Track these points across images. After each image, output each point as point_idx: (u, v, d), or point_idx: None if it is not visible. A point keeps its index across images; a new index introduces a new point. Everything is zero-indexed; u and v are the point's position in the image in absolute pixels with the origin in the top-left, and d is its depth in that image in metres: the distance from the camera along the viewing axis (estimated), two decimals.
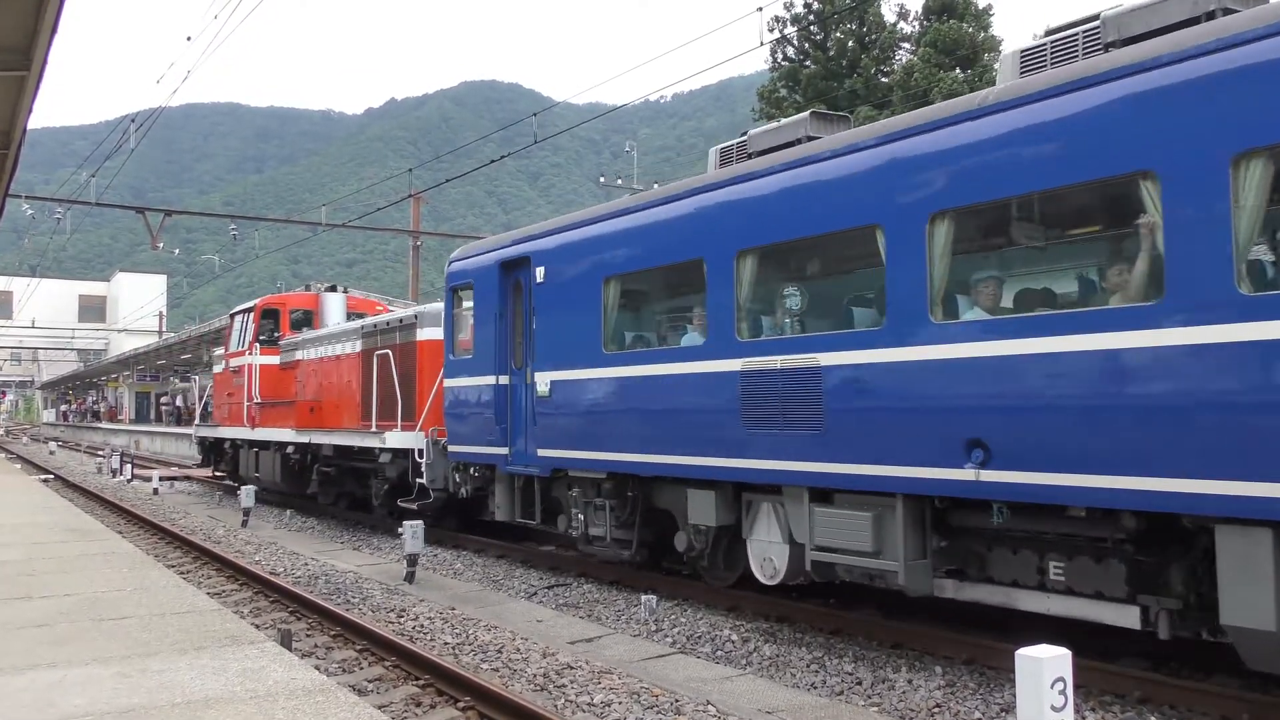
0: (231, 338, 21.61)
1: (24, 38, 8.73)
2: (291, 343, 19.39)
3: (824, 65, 41.54)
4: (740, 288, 8.46)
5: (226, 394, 21.57)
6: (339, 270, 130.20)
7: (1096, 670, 6.49)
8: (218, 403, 22.79)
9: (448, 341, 13.09)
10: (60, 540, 11.09)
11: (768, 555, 8.34)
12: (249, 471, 19.89)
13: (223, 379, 22.23)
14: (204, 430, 23.61)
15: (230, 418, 21.17)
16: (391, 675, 7.35)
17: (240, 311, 21.49)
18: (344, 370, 17.10)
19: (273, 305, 20.61)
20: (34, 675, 5.37)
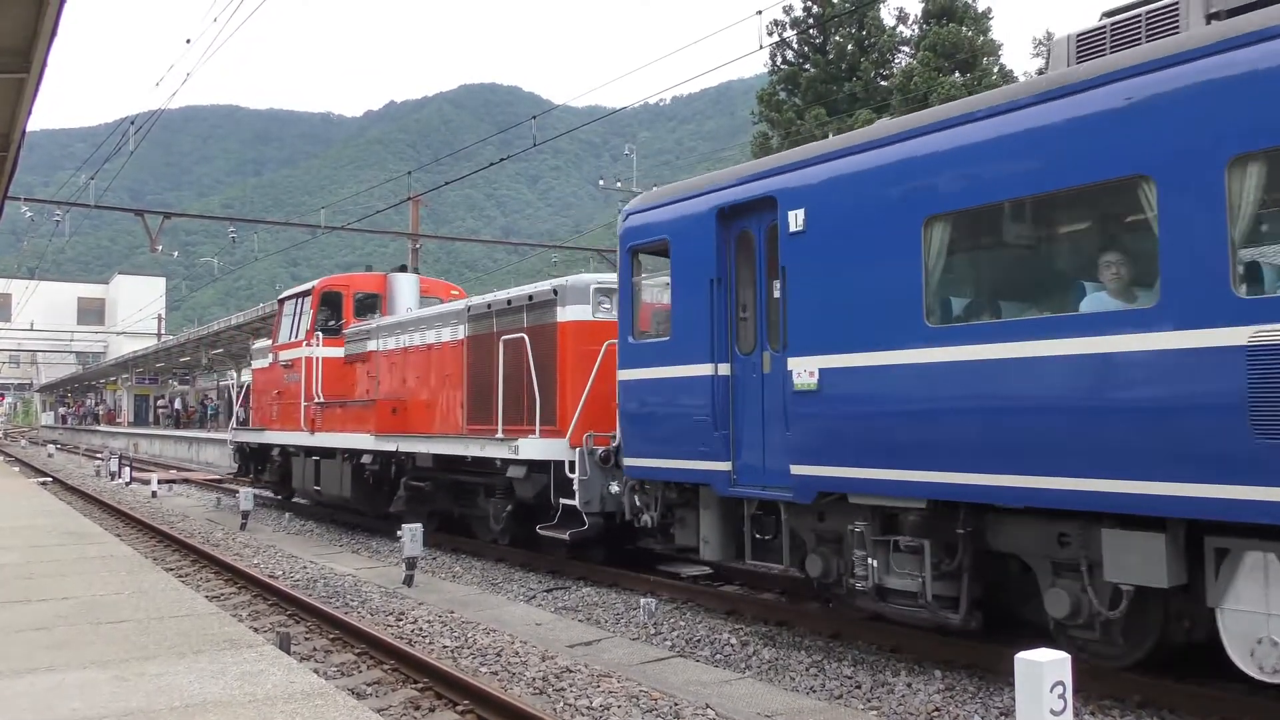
0: (281, 328, 18.64)
1: (23, 40, 8.74)
2: (360, 331, 16.60)
3: (823, 69, 41.57)
4: (1237, 212, 5.58)
5: (275, 392, 18.61)
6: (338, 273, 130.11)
7: (1096, 674, 6.48)
8: (261, 403, 19.83)
9: (625, 320, 9.83)
10: (58, 543, 11.08)
11: (1267, 635, 5.54)
12: (305, 483, 17.29)
13: (268, 375, 19.18)
14: (245, 435, 20.36)
15: (281, 420, 18.24)
16: (390, 678, 7.34)
17: (292, 296, 18.44)
18: (440, 362, 14.18)
19: (334, 288, 17.55)
20: (32, 679, 5.36)
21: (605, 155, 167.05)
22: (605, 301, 11.15)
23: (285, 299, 18.68)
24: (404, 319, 15.55)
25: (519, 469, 11.41)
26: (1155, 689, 6.31)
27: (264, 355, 19.87)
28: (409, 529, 11.18)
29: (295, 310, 18.01)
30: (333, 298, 17.41)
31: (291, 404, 17.58)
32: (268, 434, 18.78)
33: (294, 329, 17.89)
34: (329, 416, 16.49)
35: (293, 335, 17.86)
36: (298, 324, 17.70)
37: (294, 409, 17.40)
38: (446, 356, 14.03)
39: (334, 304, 17.31)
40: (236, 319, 39.47)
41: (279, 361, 18.38)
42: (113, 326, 74.73)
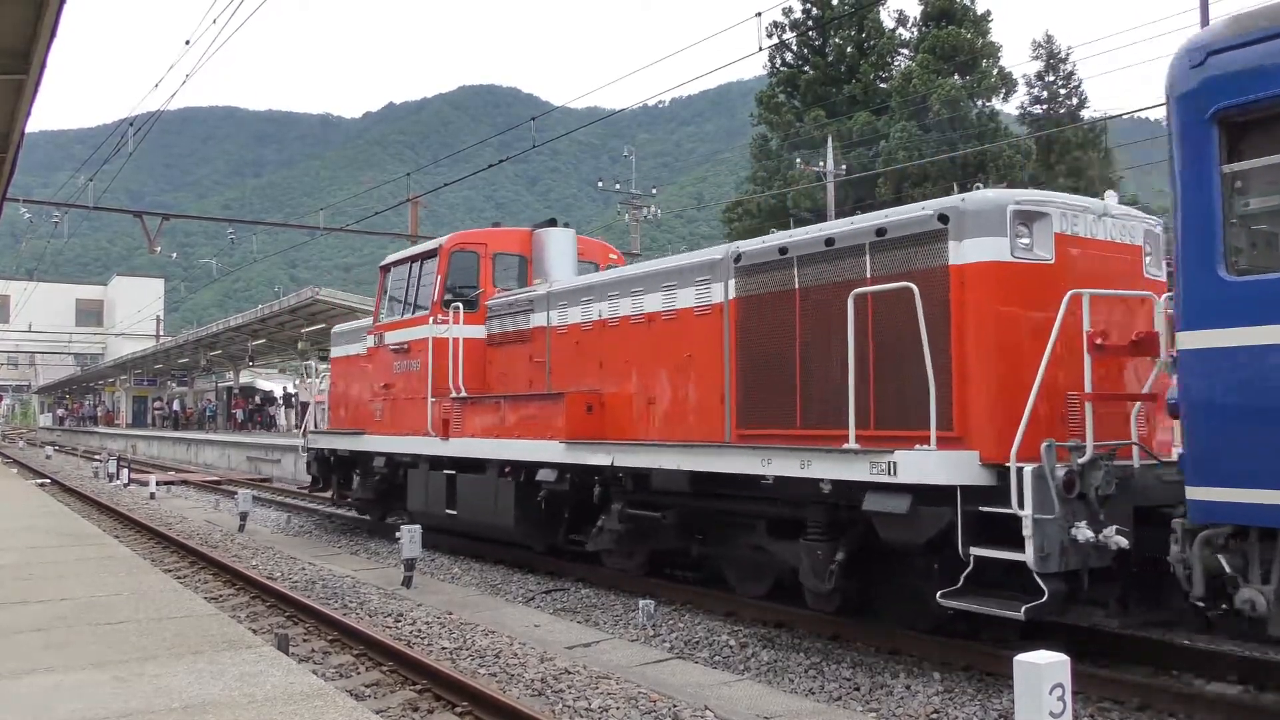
0: (384, 301, 14.66)
1: (23, 41, 8.75)
2: (516, 302, 12.50)
3: (823, 71, 41.59)
4: None
5: (379, 385, 14.50)
6: (337, 274, 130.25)
7: (1095, 676, 6.48)
8: (351, 399, 16.00)
9: (1197, 243, 5.66)
10: (57, 545, 11.07)
11: None
12: (431, 505, 12.92)
13: (363, 364, 15.32)
14: (334, 440, 15.90)
15: (389, 421, 14.14)
16: (389, 680, 7.33)
17: (402, 261, 14.24)
18: (674, 338, 9.78)
19: (468, 246, 13.36)
20: (30, 680, 5.35)
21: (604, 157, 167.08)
22: (1025, 234, 7.22)
23: (392, 264, 14.57)
24: (601, 280, 11.32)
25: (897, 499, 7.02)
26: (1155, 691, 6.32)
27: (353, 339, 16.09)
28: (408, 530, 11.17)
29: (410, 278, 13.90)
30: (465, 260, 13.26)
31: (408, 400, 13.55)
32: (369, 439, 14.63)
33: (408, 302, 13.84)
34: (474, 416, 12.14)
35: (407, 310, 13.80)
36: (415, 295, 13.67)
37: (412, 406, 13.38)
38: (689, 329, 9.58)
39: (467, 268, 13.28)
40: (235, 320, 39.46)
41: (385, 346, 14.25)
42: (111, 328, 74.75)
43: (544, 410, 11.01)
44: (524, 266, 13.46)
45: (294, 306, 32.16)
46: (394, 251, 15.57)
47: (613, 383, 10.68)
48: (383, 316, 14.59)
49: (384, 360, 14.31)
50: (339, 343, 16.92)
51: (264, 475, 30.58)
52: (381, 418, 14.41)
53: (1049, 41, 41.65)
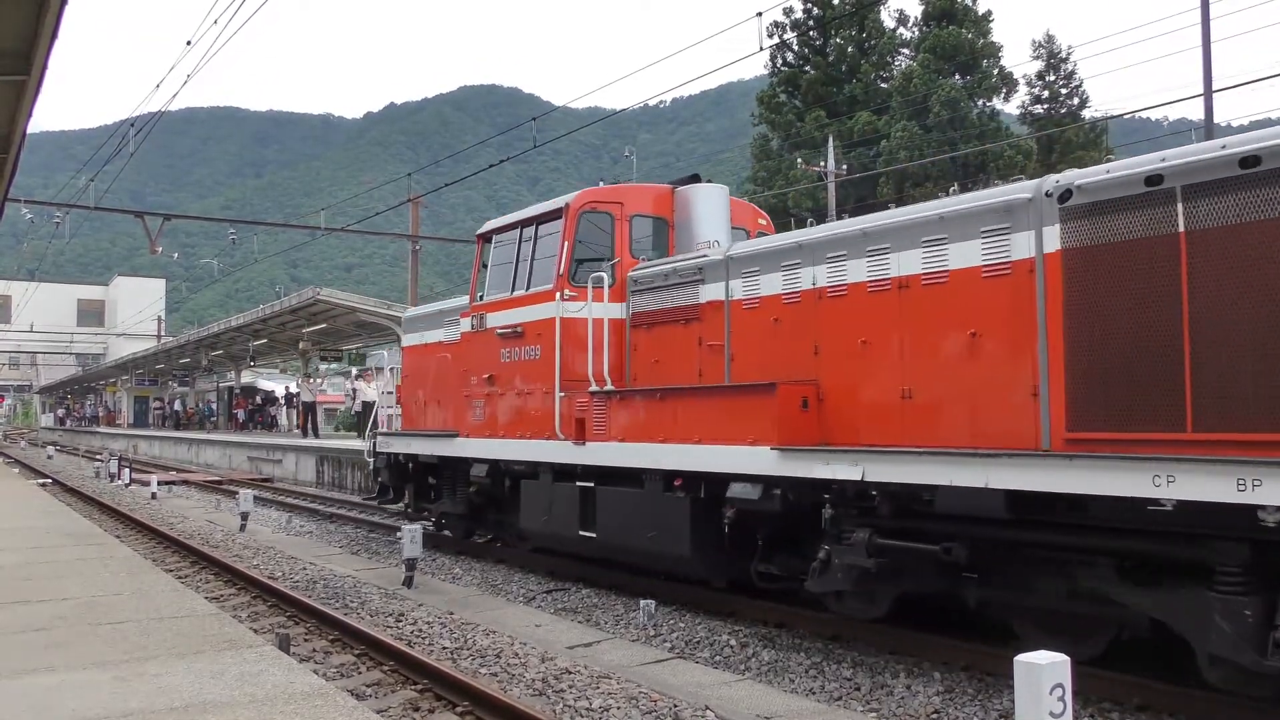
0: (490, 276, 12.13)
1: (24, 42, 8.76)
2: (677, 272, 9.96)
3: (823, 70, 41.59)
4: None
5: (480, 376, 11.98)
6: (338, 274, 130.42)
7: (1096, 676, 6.48)
8: (427, 395, 13.88)
9: None
10: (58, 544, 11.08)
11: None
12: (558, 524, 10.56)
13: (450, 354, 13.10)
14: (413, 443, 13.66)
15: (493, 421, 11.76)
16: (390, 680, 7.34)
17: (512, 226, 11.78)
18: (937, 311, 7.48)
19: (601, 206, 10.89)
20: (31, 680, 5.36)
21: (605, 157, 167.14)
22: None
23: (496, 231, 12.05)
24: (816, 237, 8.57)
25: None
26: (1155, 692, 6.31)
27: (434, 323, 13.82)
28: (409, 530, 11.18)
29: (522, 247, 11.44)
30: (597, 223, 10.86)
31: (522, 395, 11.20)
32: (465, 443, 12.18)
33: (520, 275, 11.43)
34: (626, 415, 9.69)
35: (518, 286, 11.41)
36: (528, 268, 11.27)
37: (528, 403, 11.07)
38: (972, 297, 7.21)
39: (598, 233, 10.86)
40: (236, 320, 39.47)
41: (487, 330, 11.84)
42: (112, 328, 74.76)
43: (742, 407, 8.37)
44: (663, 232, 11.01)
45: (295, 307, 32.16)
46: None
47: (836, 371, 8.10)
48: (483, 294, 12.02)
49: (485, 347, 11.85)
50: (414, 328, 14.61)
51: (265, 475, 30.61)
52: (481, 417, 11.96)
53: (1050, 41, 41.64)
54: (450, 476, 13.19)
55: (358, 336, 38.40)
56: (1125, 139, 44.16)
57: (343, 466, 26.45)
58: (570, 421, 10.35)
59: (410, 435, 13.98)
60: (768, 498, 8.06)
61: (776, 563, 8.54)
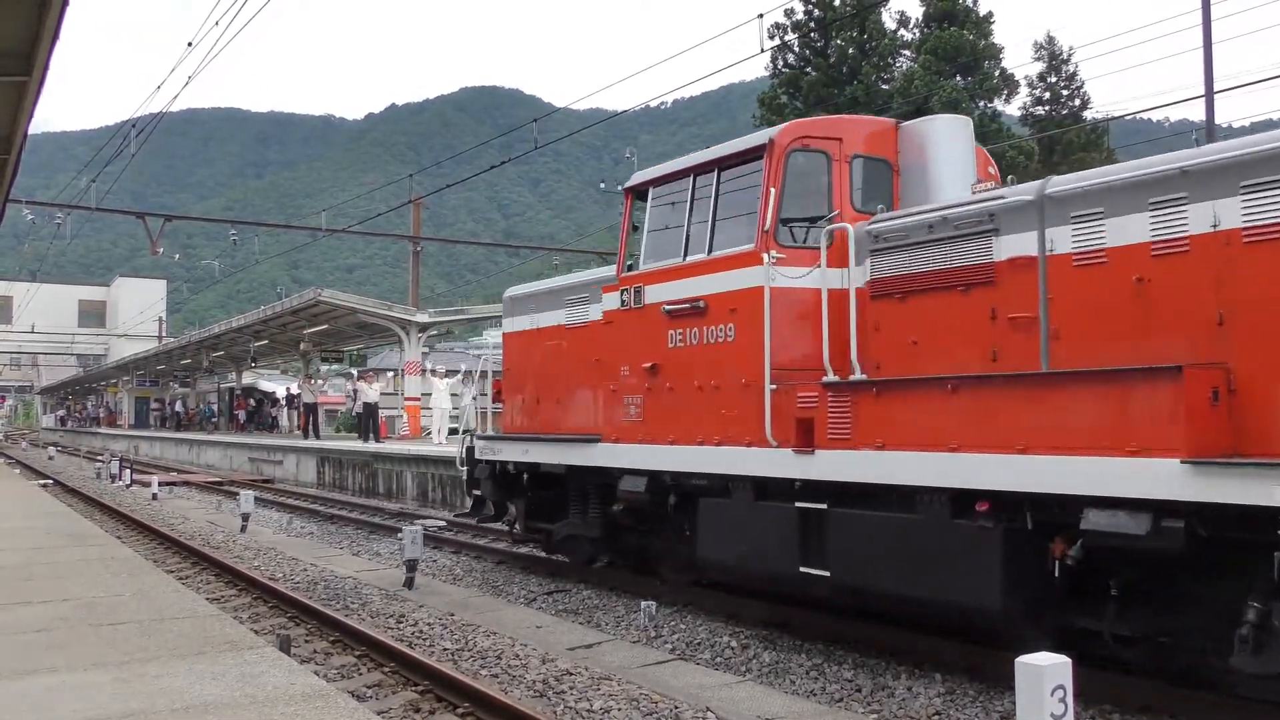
0: (649, 239, 9.58)
1: (25, 43, 8.77)
2: (949, 221, 7.57)
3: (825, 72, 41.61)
4: None
5: (636, 366, 9.50)
6: (339, 275, 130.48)
7: (1097, 678, 6.47)
8: (546, 390, 11.47)
9: None
10: (58, 545, 11.08)
11: None
12: (766, 558, 8.09)
13: (581, 339, 10.82)
14: (532, 449, 11.17)
15: (658, 422, 9.21)
16: (390, 681, 7.34)
17: (688, 171, 9.28)
18: None
19: (813, 143, 8.54)
20: (31, 680, 5.36)
21: (606, 158, 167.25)
22: None
23: (658, 181, 9.65)
24: (1213, 159, 6.13)
25: None
26: (1156, 693, 6.31)
27: (553, 302, 11.48)
28: (409, 530, 11.17)
29: (698, 201, 9.05)
30: (809, 166, 8.51)
31: (705, 390, 8.67)
32: (616, 450, 9.71)
33: (697, 236, 8.95)
34: (885, 412, 7.23)
35: (696, 249, 8.93)
36: (710, 225, 8.82)
37: (714, 400, 8.59)
38: None
39: (811, 179, 8.50)
40: (237, 321, 39.51)
41: (647, 306, 9.35)
42: (114, 329, 74.77)
43: (1115, 400, 5.90)
44: (884, 179, 8.81)
45: (296, 308, 32.22)
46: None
47: (1259, 350, 5.75)
48: (636, 263, 9.69)
49: (643, 329, 9.39)
50: (520, 309, 12.18)
51: (266, 476, 30.63)
52: (637, 417, 9.44)
53: (1051, 43, 41.66)
54: (579, 490, 10.70)
55: (359, 337, 38.46)
56: (1126, 140, 44.15)
57: (344, 468, 26.46)
58: (787, 423, 7.78)
59: (527, 440, 11.29)
60: (1161, 532, 5.62)
61: (1140, 621, 6.18)
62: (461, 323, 39.84)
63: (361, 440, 28.88)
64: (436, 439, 26.51)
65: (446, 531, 15.56)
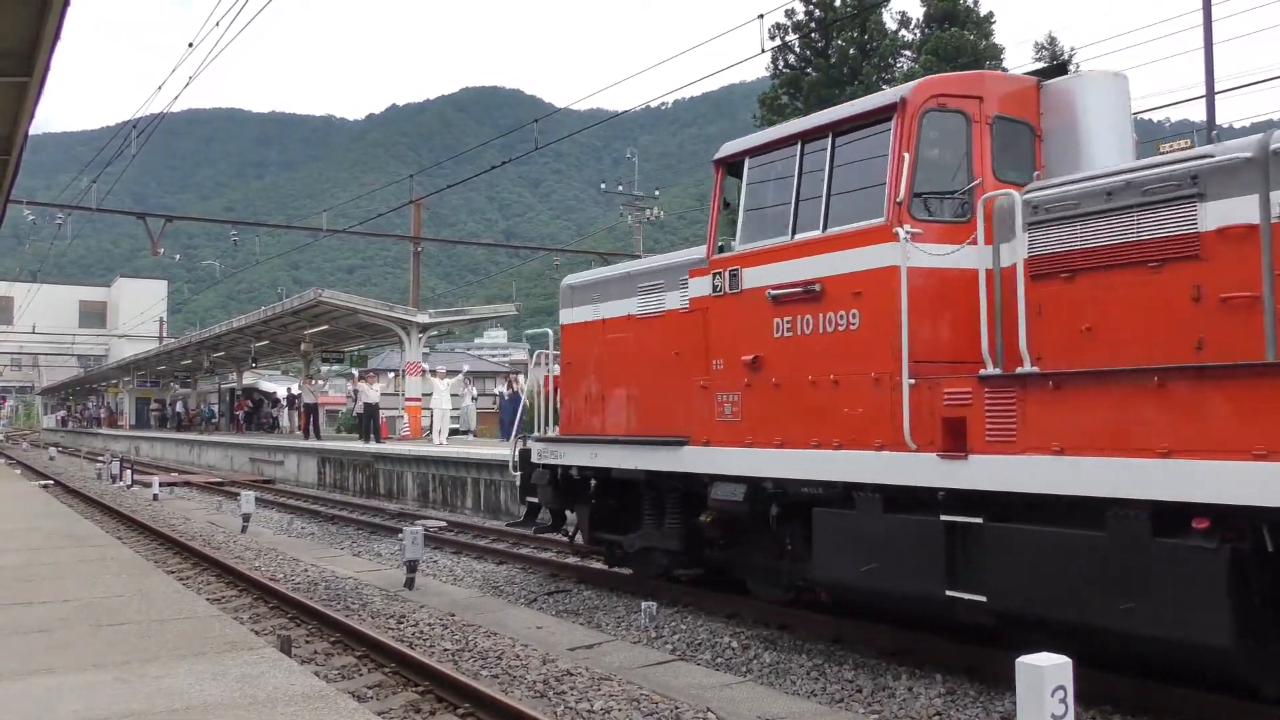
0: (746, 216, 8.58)
1: (26, 44, 8.77)
2: (1133, 185, 6.42)
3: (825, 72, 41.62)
4: None
5: (733, 359, 8.41)
6: (340, 276, 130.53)
7: (1098, 678, 6.46)
8: (613, 387, 10.33)
9: None
10: (59, 546, 11.08)
11: None
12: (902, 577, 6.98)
13: (656, 330, 9.72)
14: (600, 452, 10.12)
15: (758, 422, 8.18)
16: (391, 682, 7.34)
17: (795, 138, 8.20)
18: None
19: (950, 101, 7.44)
20: (32, 681, 5.36)
21: (607, 159, 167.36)
22: None
23: (756, 151, 8.53)
24: None
25: None
26: (1157, 694, 6.30)
27: (621, 290, 10.32)
28: (409, 531, 11.17)
29: (808, 171, 8.01)
30: (946, 128, 7.51)
31: (820, 385, 7.61)
32: (712, 453, 8.59)
33: (808, 211, 7.93)
34: (1067, 410, 6.14)
35: (807, 225, 7.89)
36: (825, 198, 7.79)
37: (833, 397, 7.52)
38: None
39: (947, 143, 7.55)
40: (238, 322, 39.51)
41: (754, 292, 8.23)
42: (114, 329, 74.78)
43: None
44: (1025, 143, 7.75)
45: (297, 308, 32.22)
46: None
47: None
48: (729, 244, 8.64)
49: (741, 317, 8.34)
50: (581, 299, 11.01)
51: (267, 477, 30.63)
52: (733, 416, 8.38)
53: (1052, 43, 41.67)
54: (654, 498, 9.71)
55: (359, 338, 38.47)
56: None
57: (344, 468, 26.46)
58: (931, 423, 6.76)
59: (595, 442, 10.19)
60: None
61: None
62: (462, 323, 39.86)
63: (362, 441, 28.88)
64: (437, 439, 26.50)
65: (447, 532, 15.57)
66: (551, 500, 11.01)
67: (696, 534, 9.25)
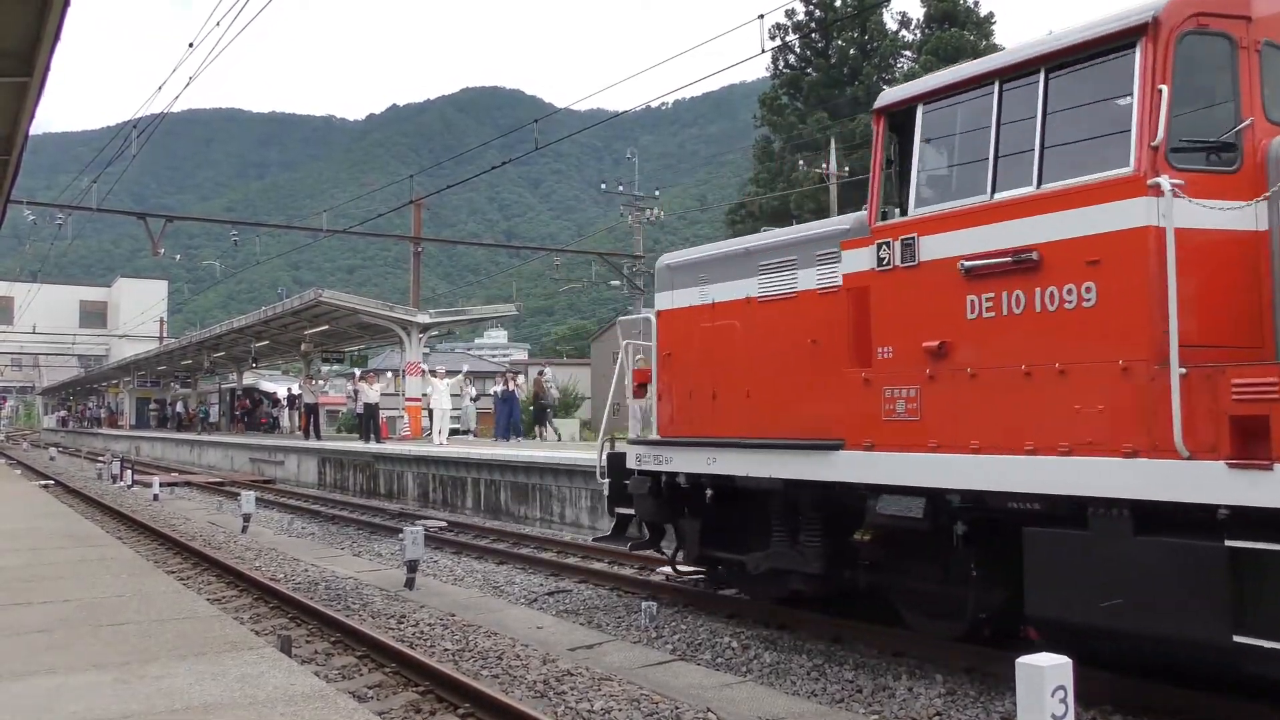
0: (920, 176, 7.13)
1: (26, 44, 8.77)
2: None
3: (826, 72, 41.62)
4: None
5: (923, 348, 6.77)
6: (340, 276, 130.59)
7: (1098, 678, 6.46)
8: (722, 382, 8.86)
9: None
10: (60, 546, 11.08)
11: None
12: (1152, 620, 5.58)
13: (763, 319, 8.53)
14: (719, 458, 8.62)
15: (938, 426, 6.71)
16: (391, 682, 7.34)
17: (987, 76, 6.71)
18: None
19: (1208, 20, 5.89)
20: (32, 681, 5.36)
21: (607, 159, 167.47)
22: None
23: (931, 96, 7.17)
24: None
25: None
26: (1157, 694, 6.30)
27: (736, 269, 8.82)
28: (410, 531, 11.18)
29: (1007, 117, 6.64)
30: (1200, 54, 6.02)
31: (1036, 376, 6.20)
32: (876, 459, 7.14)
33: (1012, 164, 6.55)
34: None
35: (1012, 180, 6.50)
36: (1039, 146, 6.37)
37: (1057, 391, 6.10)
38: None
39: (1209, 73, 6.10)
40: (238, 322, 39.52)
41: (939, 264, 6.78)
42: (115, 330, 74.79)
43: None
44: None
45: (297, 308, 32.21)
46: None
47: None
48: (893, 209, 7.28)
49: (921, 294, 6.87)
50: (683, 280, 9.46)
51: (267, 477, 30.64)
52: (910, 414, 6.94)
53: None
54: (786, 511, 8.29)
55: (360, 338, 38.47)
56: None
57: (345, 468, 26.47)
58: (1212, 423, 5.40)
59: (713, 446, 8.69)
60: None
61: None
62: (462, 323, 39.87)
63: (362, 441, 28.89)
64: (437, 439, 26.50)
65: (448, 532, 15.58)
66: (652, 512, 9.51)
67: (841, 554, 7.92)
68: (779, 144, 43.62)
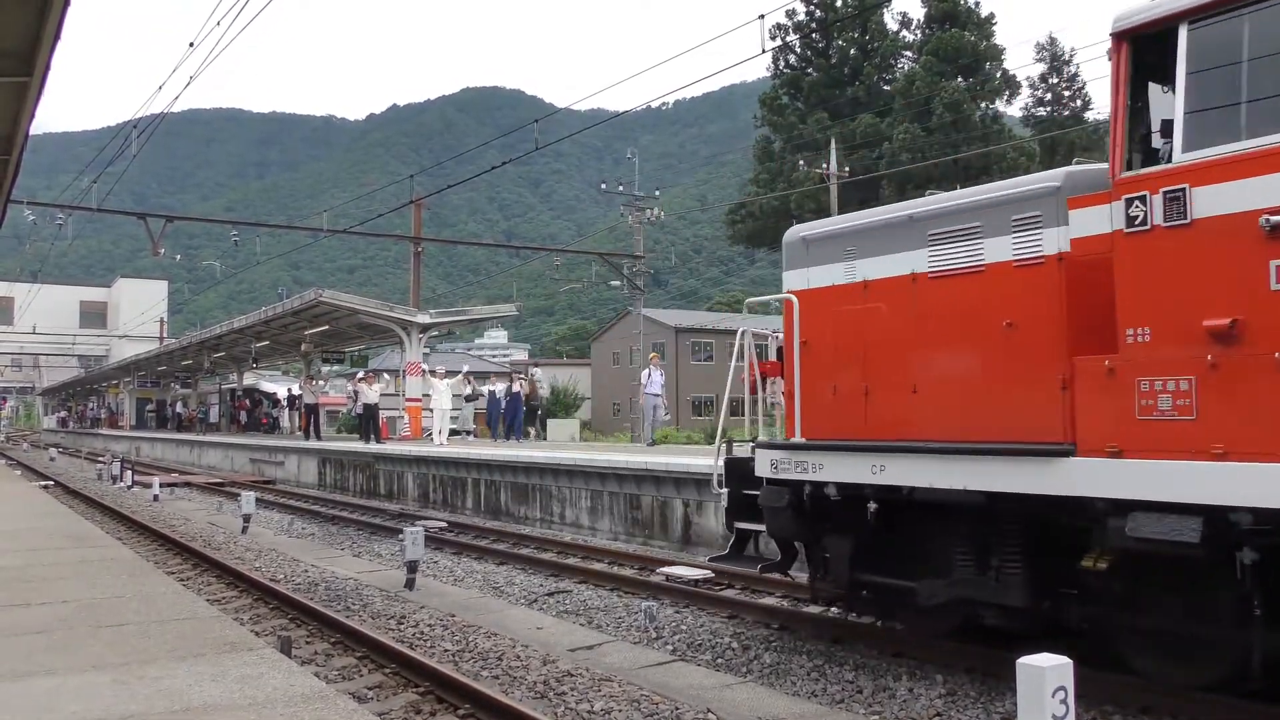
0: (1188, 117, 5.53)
1: (26, 44, 8.76)
2: None
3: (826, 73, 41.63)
4: None
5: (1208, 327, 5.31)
6: (340, 276, 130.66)
7: (1098, 679, 6.46)
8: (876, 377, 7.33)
9: None
10: (59, 546, 11.07)
11: None
12: None
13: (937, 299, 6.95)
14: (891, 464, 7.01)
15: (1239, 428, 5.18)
16: (391, 682, 7.33)
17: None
18: None
19: None
20: (31, 682, 5.35)
21: (607, 159, 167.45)
22: None
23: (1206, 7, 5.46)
24: None
25: None
26: (1156, 694, 6.29)
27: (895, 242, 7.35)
28: (410, 532, 11.17)
29: None
30: None
31: None
32: (1120, 468, 5.67)
33: None
34: None
35: None
36: None
37: None
38: None
39: None
40: (239, 322, 39.50)
41: (1228, 220, 5.30)
42: (115, 330, 74.80)
43: None
44: None
45: (298, 308, 32.20)
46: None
47: None
48: (1149, 154, 5.97)
49: (1196, 259, 5.51)
50: (824, 255, 7.91)
51: (267, 477, 30.63)
52: (1179, 412, 5.53)
53: (1052, 43, 41.69)
54: (975, 532, 6.85)
55: (360, 338, 38.46)
56: None
57: (345, 469, 26.47)
58: None
59: (880, 450, 7.15)
60: None
61: None
62: (462, 323, 39.85)
63: (362, 441, 28.88)
64: (437, 440, 26.49)
65: (448, 533, 15.57)
66: (790, 529, 7.94)
67: (1048, 584, 6.61)
68: (779, 144, 43.62)
